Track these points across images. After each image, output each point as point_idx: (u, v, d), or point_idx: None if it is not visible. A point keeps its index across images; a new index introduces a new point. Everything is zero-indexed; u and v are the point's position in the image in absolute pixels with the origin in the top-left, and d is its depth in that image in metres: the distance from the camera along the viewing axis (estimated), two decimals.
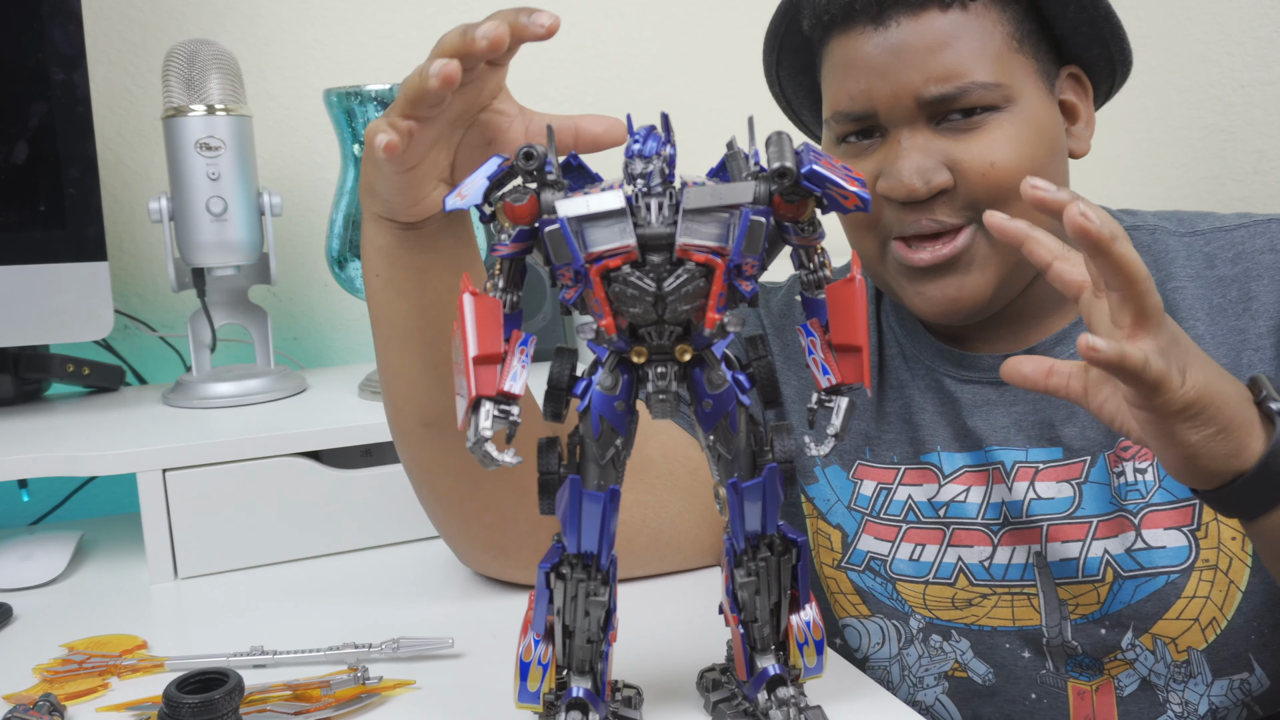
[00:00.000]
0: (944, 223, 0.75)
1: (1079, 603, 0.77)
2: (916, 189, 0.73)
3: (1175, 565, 0.75)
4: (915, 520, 0.82)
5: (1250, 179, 1.56)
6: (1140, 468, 0.77)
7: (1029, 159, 0.74)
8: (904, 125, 0.75)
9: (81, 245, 0.98)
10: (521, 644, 0.57)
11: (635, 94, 1.41)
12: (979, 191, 0.74)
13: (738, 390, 0.56)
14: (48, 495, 1.15)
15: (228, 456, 0.89)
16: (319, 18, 1.26)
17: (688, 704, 0.63)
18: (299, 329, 1.29)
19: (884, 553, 0.82)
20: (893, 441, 0.84)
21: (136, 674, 0.71)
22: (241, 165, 1.01)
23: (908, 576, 0.81)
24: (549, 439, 0.56)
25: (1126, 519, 0.76)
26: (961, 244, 0.75)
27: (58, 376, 1.09)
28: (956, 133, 0.74)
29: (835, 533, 0.85)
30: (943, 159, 0.74)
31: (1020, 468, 0.79)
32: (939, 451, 0.82)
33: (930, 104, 0.73)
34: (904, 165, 0.74)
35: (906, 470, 0.83)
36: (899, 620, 0.82)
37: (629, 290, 0.52)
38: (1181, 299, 0.78)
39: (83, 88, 0.97)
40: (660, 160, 0.52)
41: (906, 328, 0.86)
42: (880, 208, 0.76)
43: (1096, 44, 0.78)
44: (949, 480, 0.81)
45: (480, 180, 0.55)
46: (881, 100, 0.74)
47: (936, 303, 0.76)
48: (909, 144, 0.74)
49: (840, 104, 0.77)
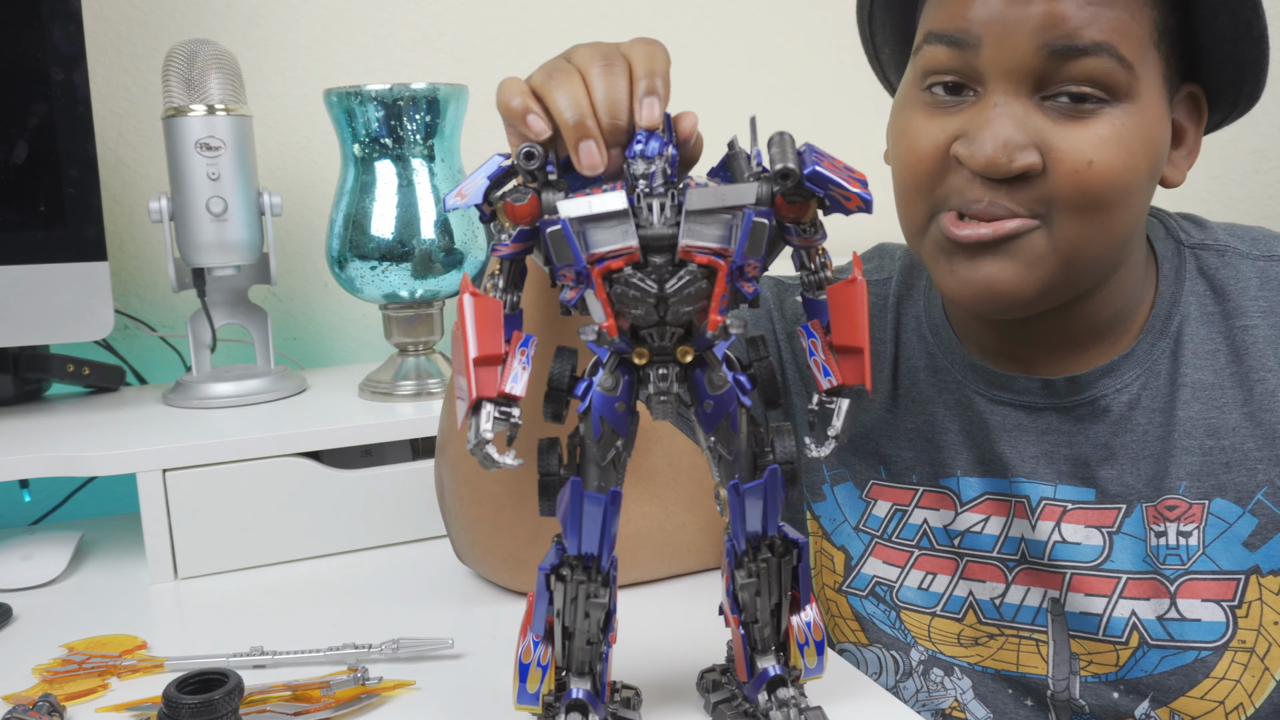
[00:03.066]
0: (1011, 211, 0.65)
1: (1093, 660, 0.72)
2: (998, 162, 0.63)
3: (1209, 641, 0.69)
4: (929, 547, 0.77)
5: (1250, 179, 1.56)
6: (1185, 530, 0.70)
7: (1131, 170, 0.65)
8: (1004, 82, 0.64)
9: (81, 245, 0.98)
10: (520, 645, 0.57)
11: None
12: (1066, 189, 0.64)
13: (739, 391, 0.56)
14: (48, 495, 1.14)
15: (228, 456, 0.89)
16: (319, 18, 1.26)
17: (688, 705, 0.63)
18: (299, 329, 1.28)
19: (892, 578, 0.78)
20: (911, 461, 0.78)
21: (136, 674, 0.71)
22: (241, 165, 1.01)
23: (915, 606, 0.77)
24: (549, 440, 0.56)
25: (1162, 584, 0.70)
26: (1011, 228, 0.65)
27: (58, 376, 1.09)
28: (1060, 115, 0.64)
29: (839, 554, 0.80)
30: (1036, 139, 0.64)
31: (1046, 505, 0.73)
32: (959, 476, 0.76)
33: (1050, 58, 0.63)
34: (991, 133, 0.64)
35: (925, 492, 0.77)
36: (899, 651, 0.78)
37: (631, 292, 0.52)
38: (1251, 341, 0.70)
39: (83, 88, 0.97)
40: (662, 161, 0.52)
41: (939, 336, 0.78)
42: (946, 173, 0.67)
43: (1231, 67, 0.69)
44: (966, 508, 0.76)
45: (480, 180, 0.55)
46: (992, 35, 0.63)
47: (968, 285, 0.67)
48: (1003, 110, 0.64)
49: (940, 22, 0.66)
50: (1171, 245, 0.76)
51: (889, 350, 0.80)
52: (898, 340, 0.80)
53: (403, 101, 0.99)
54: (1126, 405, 0.73)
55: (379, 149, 1.01)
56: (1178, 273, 0.74)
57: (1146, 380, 0.73)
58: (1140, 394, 0.73)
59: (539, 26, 1.35)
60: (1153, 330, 0.73)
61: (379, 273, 1.01)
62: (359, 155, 1.01)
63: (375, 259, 1.01)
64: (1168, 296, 0.74)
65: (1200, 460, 0.71)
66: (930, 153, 0.67)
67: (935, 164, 0.67)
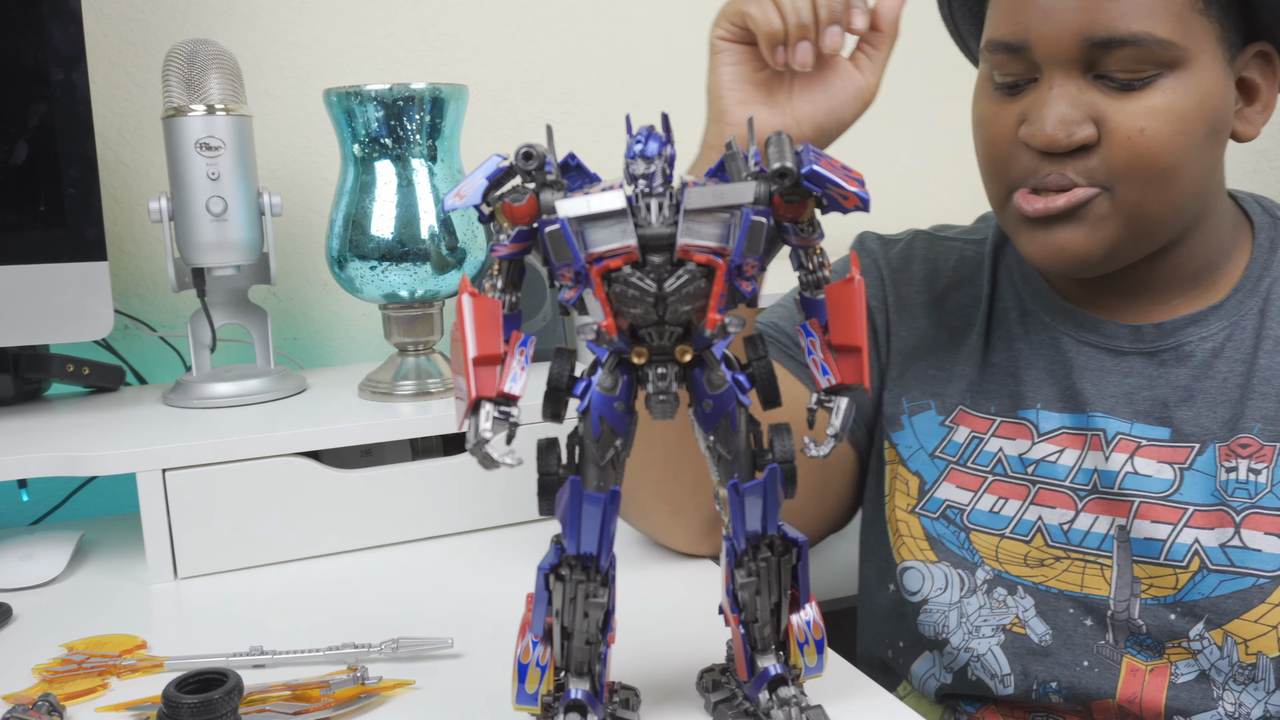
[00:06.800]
0: (1073, 181, 0.72)
1: (1153, 584, 0.75)
2: (1057, 139, 0.71)
3: (1268, 570, 0.73)
4: (1003, 473, 0.81)
5: (1250, 179, 1.56)
6: (1255, 468, 0.75)
7: (1183, 134, 0.71)
8: (1058, 69, 0.71)
9: (81, 245, 0.98)
10: (520, 645, 0.57)
11: (635, 94, 1.41)
12: (1120, 157, 0.71)
13: (738, 390, 0.56)
14: (48, 495, 1.15)
15: (228, 456, 0.89)
16: (319, 18, 1.26)
17: (687, 705, 0.63)
18: (299, 329, 1.29)
19: (964, 502, 0.82)
20: (993, 393, 0.84)
21: (136, 674, 0.71)
22: (241, 165, 1.01)
23: (984, 527, 0.81)
24: (549, 440, 0.56)
25: (1228, 514, 0.74)
26: (1077, 198, 0.72)
27: (58, 376, 1.09)
28: (1112, 89, 0.71)
29: (914, 479, 0.85)
30: (1091, 113, 0.71)
31: (1121, 439, 0.78)
32: (1038, 409, 0.81)
33: (1093, 49, 0.70)
34: (1049, 113, 0.71)
35: (1002, 423, 0.82)
36: (965, 570, 0.81)
37: (630, 291, 0.52)
38: None
39: (83, 88, 0.97)
40: (661, 161, 0.52)
41: (1030, 283, 0.85)
42: (1016, 154, 0.74)
43: None
44: (1043, 439, 0.80)
45: (479, 180, 0.55)
46: (1040, 36, 0.71)
47: (1043, 249, 0.75)
48: (1059, 91, 0.71)
49: (997, 31, 0.74)
50: (1269, 219, 0.83)
51: (985, 293, 0.87)
52: (994, 285, 0.87)
53: (403, 101, 0.99)
54: (1210, 353, 0.78)
55: (379, 149, 1.01)
56: (1273, 242, 0.82)
57: (1232, 332, 0.79)
58: (1225, 344, 0.78)
59: (539, 26, 1.35)
60: (1243, 289, 0.80)
61: (379, 273, 1.01)
62: (359, 155, 1.02)
63: (375, 259, 1.01)
64: (1260, 261, 0.81)
65: (1276, 405, 0.76)
66: (1001, 136, 0.76)
67: (1006, 146, 0.75)
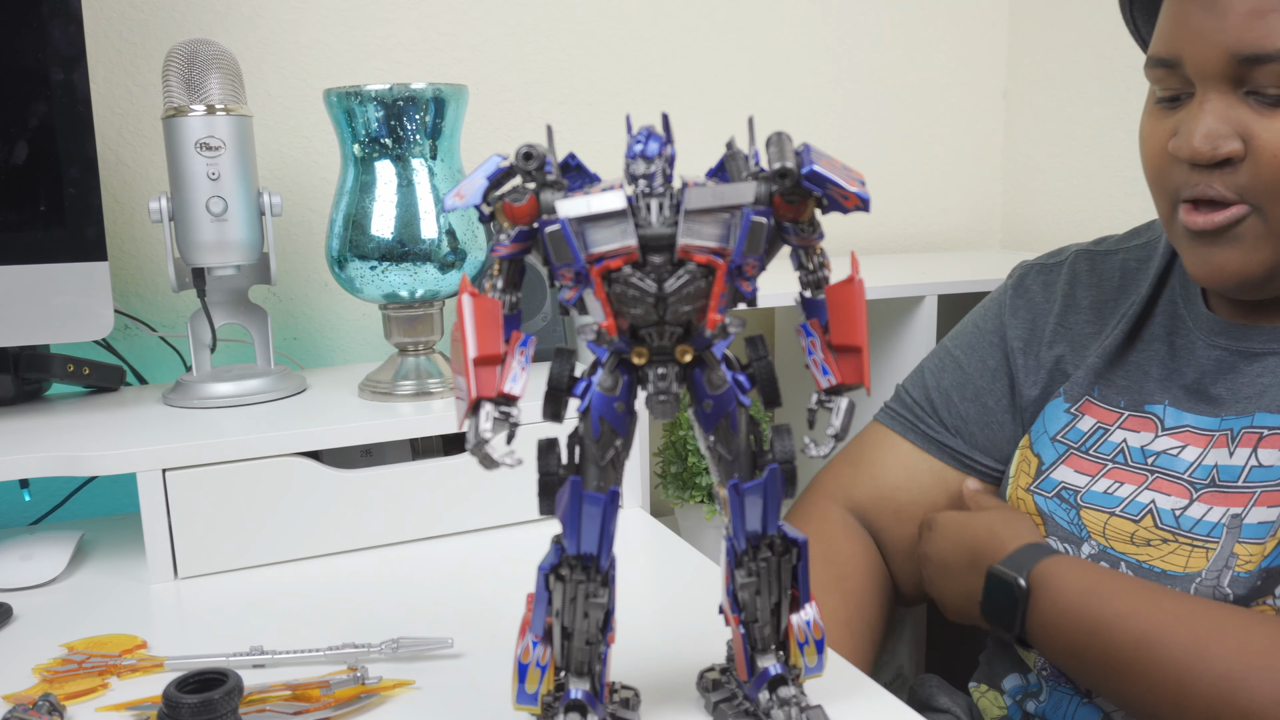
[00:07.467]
0: (1220, 193, 0.74)
1: (1250, 559, 0.76)
2: (1201, 151, 0.73)
3: None
4: (1123, 462, 0.83)
5: None
6: None
7: None
8: (1209, 84, 0.73)
9: (81, 245, 0.98)
10: (520, 645, 0.57)
11: (635, 94, 1.41)
12: (1266, 173, 0.72)
13: (738, 391, 0.56)
14: (48, 495, 1.15)
15: (228, 456, 0.89)
16: (319, 18, 1.26)
17: (688, 705, 0.63)
18: (299, 329, 1.29)
19: (1079, 485, 0.84)
20: (1124, 388, 0.86)
21: (136, 674, 0.71)
22: (241, 165, 1.01)
23: (1096, 506, 0.83)
24: (549, 440, 0.56)
25: None
26: (1232, 215, 0.74)
27: (58, 376, 1.09)
28: (1263, 105, 0.72)
29: (1034, 460, 0.88)
30: (1238, 128, 0.73)
31: (1245, 433, 0.78)
32: (1165, 405, 0.83)
33: (1242, 65, 0.71)
34: (1197, 127, 0.73)
35: (1129, 416, 0.84)
36: (1072, 544, 0.83)
37: (630, 291, 0.52)
38: None
39: (83, 88, 0.97)
40: (662, 161, 0.52)
41: (1186, 290, 0.87)
42: (1170, 167, 0.77)
43: None
44: (1167, 433, 0.82)
45: (479, 180, 0.55)
46: (1191, 52, 0.73)
47: (1204, 267, 0.77)
48: (1209, 106, 0.73)
49: (1155, 47, 0.77)
50: None
51: (1144, 295, 0.89)
52: (1156, 289, 0.89)
53: (403, 101, 0.99)
54: None
55: (379, 149, 1.01)
56: None
57: None
58: None
59: (539, 26, 1.35)
60: None
61: (379, 273, 1.01)
62: (359, 155, 1.02)
63: (375, 259, 1.01)
64: None
65: None
66: (1158, 150, 0.78)
67: (1163, 159, 0.78)
